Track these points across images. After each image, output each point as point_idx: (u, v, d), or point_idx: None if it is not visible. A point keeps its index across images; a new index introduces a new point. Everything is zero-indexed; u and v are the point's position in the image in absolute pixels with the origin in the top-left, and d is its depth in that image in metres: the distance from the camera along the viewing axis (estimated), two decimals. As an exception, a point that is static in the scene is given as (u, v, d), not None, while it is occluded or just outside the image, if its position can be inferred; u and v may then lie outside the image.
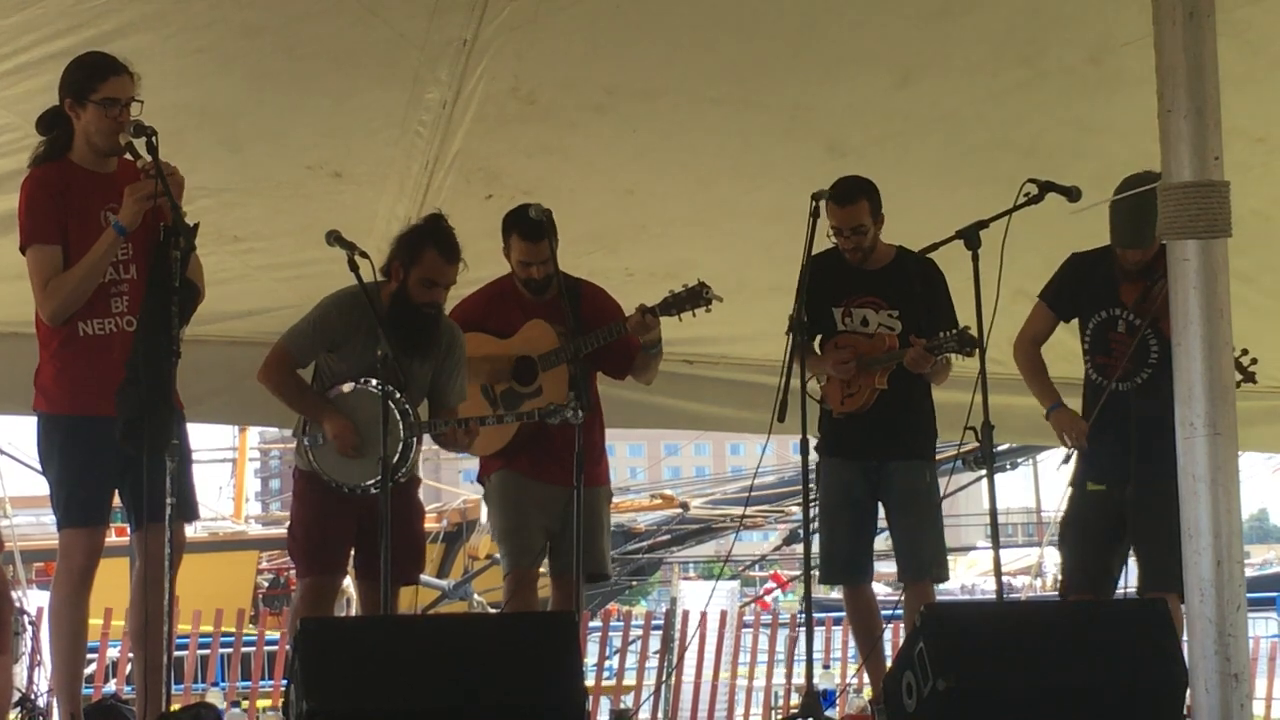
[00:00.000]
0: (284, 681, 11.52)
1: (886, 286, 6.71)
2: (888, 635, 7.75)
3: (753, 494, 16.94)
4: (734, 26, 6.69)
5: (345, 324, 6.27)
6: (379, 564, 5.98)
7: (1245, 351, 6.22)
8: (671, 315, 6.54)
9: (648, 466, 41.01)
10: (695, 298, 6.52)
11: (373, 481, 6.10)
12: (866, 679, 7.57)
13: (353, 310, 6.24)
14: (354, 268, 6.11)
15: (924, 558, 6.72)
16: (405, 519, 6.30)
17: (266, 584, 20.67)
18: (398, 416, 6.06)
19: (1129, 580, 6.58)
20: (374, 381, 6.13)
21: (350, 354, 6.27)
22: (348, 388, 6.24)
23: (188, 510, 5.68)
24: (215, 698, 6.53)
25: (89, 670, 10.32)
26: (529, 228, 6.45)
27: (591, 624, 14.67)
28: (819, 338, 6.77)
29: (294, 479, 6.52)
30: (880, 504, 6.76)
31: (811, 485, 6.53)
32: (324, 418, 6.21)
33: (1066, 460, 6.59)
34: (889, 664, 6.23)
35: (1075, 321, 6.70)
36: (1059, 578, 6.94)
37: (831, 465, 6.76)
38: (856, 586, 6.85)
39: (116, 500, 5.73)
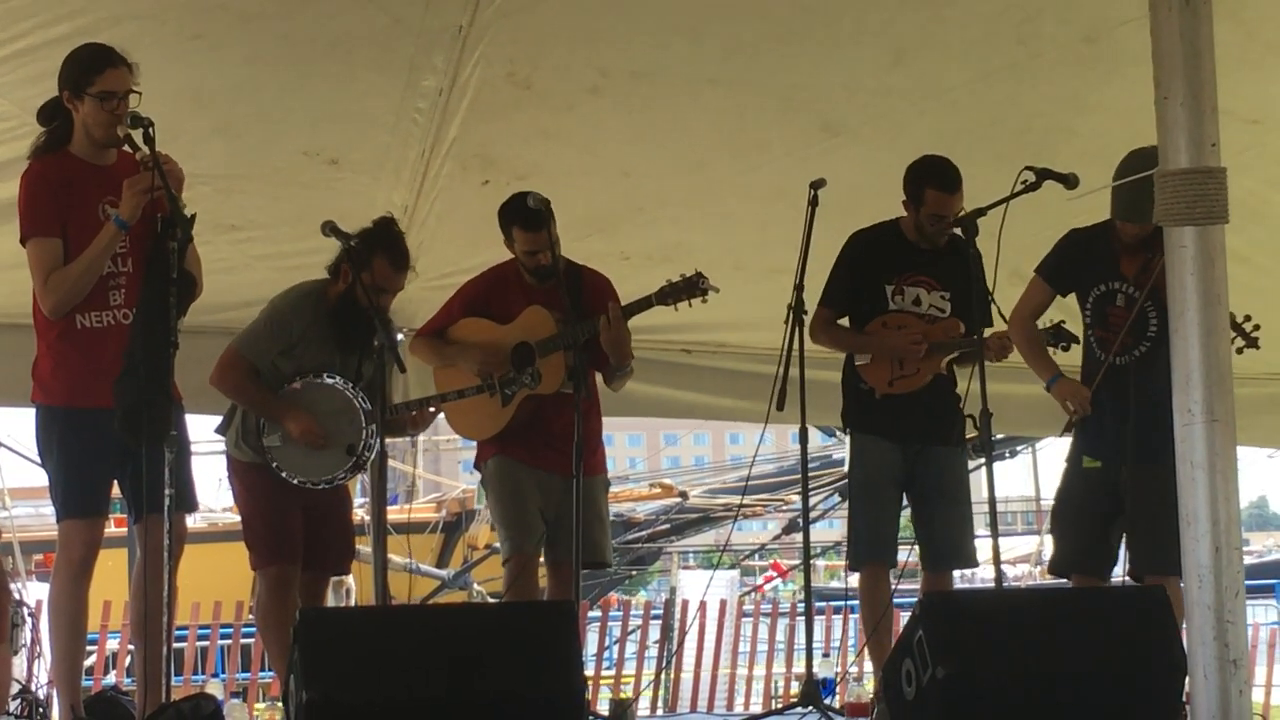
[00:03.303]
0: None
1: (940, 268, 6.64)
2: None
3: (751, 483, 16.93)
4: (728, 7, 6.68)
5: (301, 325, 6.34)
6: (317, 555, 6.38)
7: (1249, 318, 6.21)
8: (668, 304, 6.54)
9: (647, 456, 40.99)
10: (692, 287, 6.51)
11: (338, 475, 6.33)
12: (868, 666, 7.55)
13: (307, 310, 6.35)
14: (353, 260, 6.14)
15: (968, 546, 6.73)
16: (339, 510, 6.53)
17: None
18: (358, 406, 6.28)
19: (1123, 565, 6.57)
20: (326, 376, 6.29)
21: (303, 353, 6.34)
22: (299, 384, 6.33)
23: (187, 501, 5.68)
24: (215, 689, 6.51)
25: (89, 662, 10.32)
26: (528, 217, 6.43)
27: (591, 613, 14.68)
28: (846, 317, 6.70)
29: (235, 474, 6.51)
30: (906, 488, 6.68)
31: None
32: (286, 417, 6.27)
33: (1068, 429, 6.56)
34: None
35: (1074, 296, 6.66)
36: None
37: (870, 443, 6.69)
38: (886, 567, 6.71)
39: (116, 491, 5.73)
